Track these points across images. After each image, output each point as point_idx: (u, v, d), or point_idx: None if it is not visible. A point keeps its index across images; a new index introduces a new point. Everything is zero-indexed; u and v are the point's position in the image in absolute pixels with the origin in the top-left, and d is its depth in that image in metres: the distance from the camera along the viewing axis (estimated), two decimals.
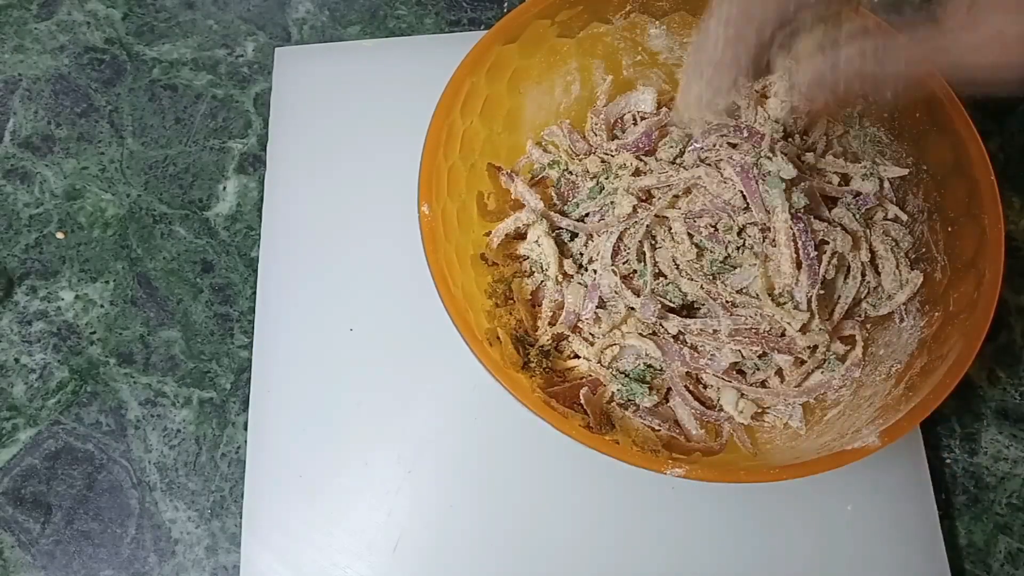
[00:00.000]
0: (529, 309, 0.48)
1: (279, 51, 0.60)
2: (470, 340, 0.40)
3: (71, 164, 0.58)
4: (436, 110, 0.44)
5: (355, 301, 0.53)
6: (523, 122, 0.51)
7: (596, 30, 0.49)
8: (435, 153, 0.44)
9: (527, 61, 0.48)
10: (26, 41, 0.61)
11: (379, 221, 0.55)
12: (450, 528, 0.48)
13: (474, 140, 0.48)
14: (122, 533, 0.49)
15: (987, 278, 0.39)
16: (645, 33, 0.50)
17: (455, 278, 0.42)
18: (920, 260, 0.46)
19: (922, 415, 0.38)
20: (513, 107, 0.50)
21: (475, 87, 0.46)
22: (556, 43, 0.49)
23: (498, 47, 0.46)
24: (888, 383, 0.42)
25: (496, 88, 0.48)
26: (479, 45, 0.45)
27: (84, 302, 0.54)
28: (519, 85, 0.49)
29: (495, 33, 0.45)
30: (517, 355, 0.44)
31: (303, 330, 0.53)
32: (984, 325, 0.39)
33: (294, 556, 0.48)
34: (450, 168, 0.45)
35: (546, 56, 0.49)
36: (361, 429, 0.50)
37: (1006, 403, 0.51)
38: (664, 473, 0.37)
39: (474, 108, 0.47)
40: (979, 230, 0.41)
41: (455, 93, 0.45)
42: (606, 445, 0.38)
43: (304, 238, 0.55)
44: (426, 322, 0.52)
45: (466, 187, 0.47)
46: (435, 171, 0.44)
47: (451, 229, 0.45)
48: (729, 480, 0.37)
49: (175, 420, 0.51)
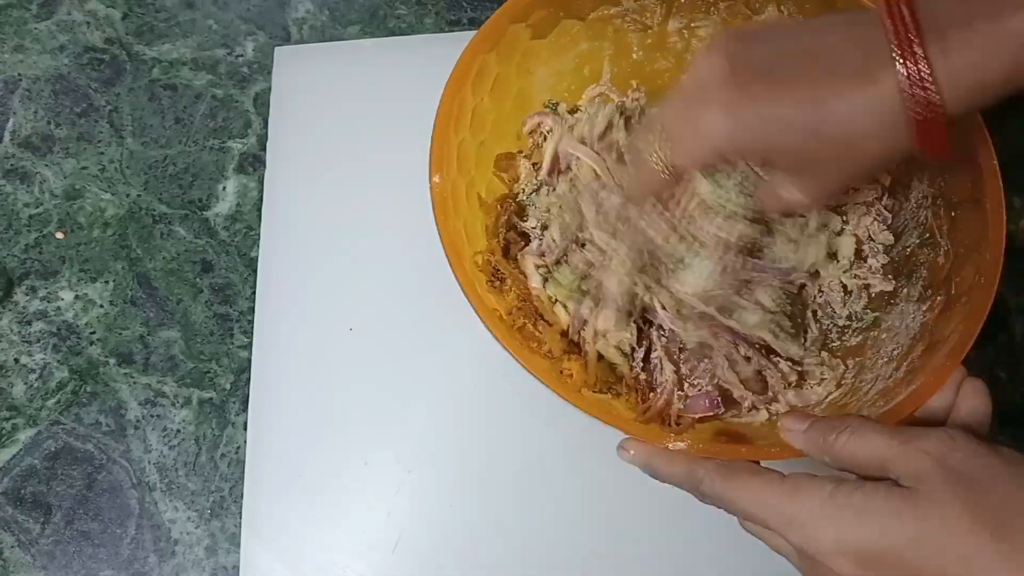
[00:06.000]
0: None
1: (279, 51, 0.60)
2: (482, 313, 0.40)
3: (71, 164, 0.58)
4: (447, 85, 0.44)
5: (355, 301, 0.53)
6: (534, 102, 0.51)
7: (606, 12, 0.50)
8: (446, 126, 0.44)
9: (537, 42, 0.49)
10: (26, 41, 0.61)
11: (379, 221, 0.55)
12: (450, 528, 0.48)
13: (485, 117, 0.48)
14: (122, 533, 0.49)
15: (988, 261, 0.40)
16: (655, 16, 0.50)
17: (463, 252, 0.43)
18: (924, 245, 0.46)
19: (925, 398, 0.38)
20: (523, 87, 0.50)
21: (485, 65, 0.46)
22: (566, 24, 0.49)
23: (509, 26, 0.46)
24: (889, 366, 0.43)
25: (506, 68, 0.48)
26: (489, 24, 0.46)
27: (84, 302, 0.54)
28: (529, 65, 0.50)
29: (504, 12, 0.46)
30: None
31: (303, 330, 0.52)
32: (985, 307, 0.39)
33: (294, 556, 0.48)
34: (460, 143, 0.46)
35: (556, 37, 0.50)
36: (361, 429, 0.50)
37: (1006, 403, 0.51)
38: (665, 445, 0.37)
39: (485, 86, 0.47)
40: (982, 214, 0.41)
41: (466, 69, 0.45)
42: (609, 415, 0.38)
43: (304, 238, 0.55)
44: (426, 322, 0.52)
45: (475, 164, 0.47)
46: (446, 143, 0.44)
47: (460, 204, 0.45)
48: (730, 456, 0.37)
49: (175, 420, 0.51)
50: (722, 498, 0.36)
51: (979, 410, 0.37)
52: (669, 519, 0.48)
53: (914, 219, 0.47)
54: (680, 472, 0.37)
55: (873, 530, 0.31)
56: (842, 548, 0.31)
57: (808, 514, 0.32)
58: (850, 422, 0.34)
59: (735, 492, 0.35)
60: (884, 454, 0.32)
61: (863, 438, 0.33)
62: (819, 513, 0.32)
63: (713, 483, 0.36)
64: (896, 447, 0.32)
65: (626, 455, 0.39)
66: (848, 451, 0.34)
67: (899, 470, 0.32)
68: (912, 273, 0.46)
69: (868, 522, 0.31)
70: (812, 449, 0.35)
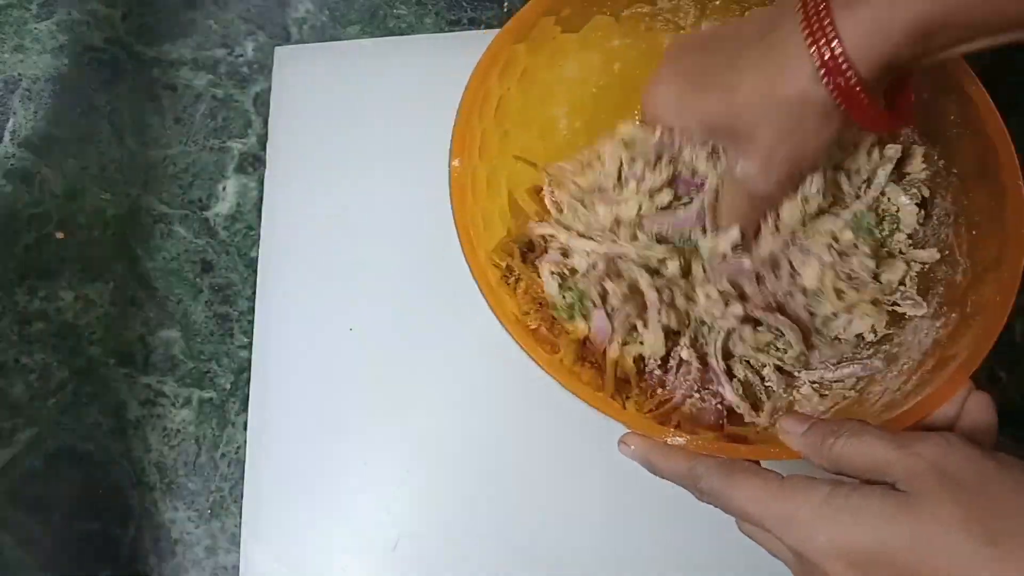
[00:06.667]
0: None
1: (279, 51, 0.60)
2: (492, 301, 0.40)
3: (71, 164, 0.58)
4: (474, 72, 0.44)
5: (355, 301, 0.53)
6: (560, 96, 0.51)
7: (640, 10, 0.49)
8: (471, 112, 0.44)
9: (568, 36, 0.49)
10: (26, 41, 0.61)
11: (379, 220, 0.55)
12: (450, 528, 0.48)
13: (509, 107, 0.47)
14: (122, 533, 0.49)
15: (1006, 280, 0.40)
16: (688, 16, 0.50)
17: (478, 239, 0.42)
18: (943, 263, 0.46)
19: (930, 409, 0.38)
20: (551, 80, 0.50)
21: (514, 55, 0.46)
22: (598, 20, 0.49)
23: (540, 19, 0.46)
24: (899, 379, 0.43)
25: (535, 60, 0.48)
26: (520, 14, 0.46)
27: (84, 302, 0.54)
28: (558, 58, 0.49)
29: (536, 4, 0.46)
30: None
31: (303, 330, 0.52)
32: (999, 325, 0.39)
33: (294, 556, 0.48)
34: (483, 131, 0.45)
35: (588, 32, 0.49)
36: (361, 429, 0.50)
37: (1006, 403, 0.51)
38: (664, 439, 0.37)
39: (512, 76, 0.47)
40: (1002, 234, 0.41)
41: (495, 58, 0.45)
42: (611, 408, 0.38)
43: (304, 238, 0.55)
44: (426, 322, 0.52)
45: (498, 153, 0.47)
46: (469, 130, 0.44)
47: (479, 191, 0.45)
48: (729, 455, 0.37)
49: (175, 420, 0.51)
50: (719, 496, 0.36)
51: (982, 424, 0.37)
52: (672, 519, 0.48)
53: (935, 236, 0.47)
54: (679, 468, 0.37)
55: (867, 532, 0.31)
56: (836, 550, 0.31)
57: (804, 515, 0.32)
58: (848, 426, 0.34)
59: (732, 490, 0.35)
60: (881, 458, 0.32)
61: (861, 442, 0.33)
62: (814, 514, 0.32)
63: (712, 480, 0.36)
64: (893, 451, 0.32)
65: (627, 450, 0.39)
66: (846, 455, 0.34)
67: (895, 474, 0.32)
68: (929, 290, 0.46)
69: (862, 524, 0.31)
70: (810, 452, 0.35)
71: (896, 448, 0.32)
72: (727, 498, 0.35)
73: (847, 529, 0.31)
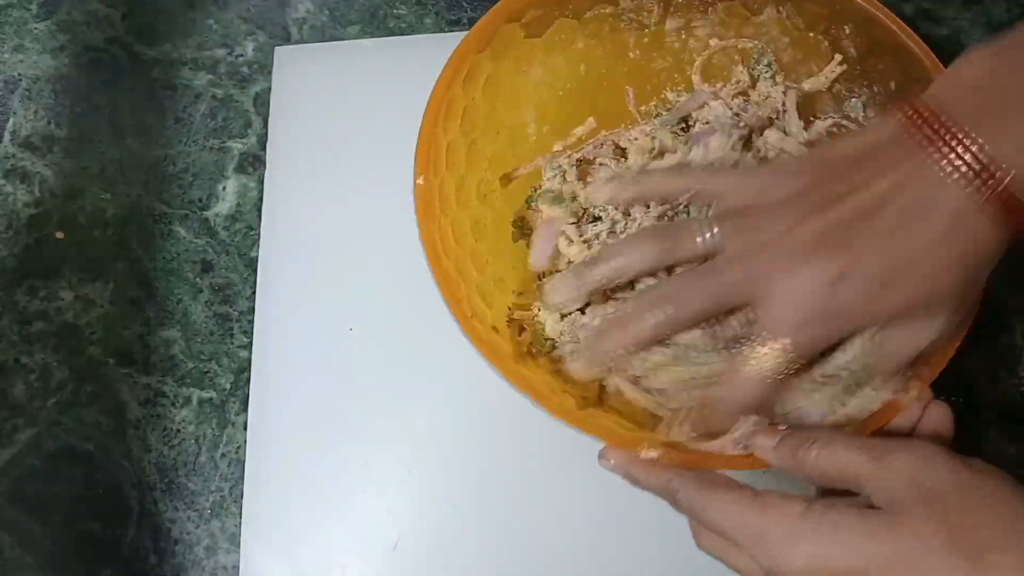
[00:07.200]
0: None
1: (279, 51, 0.60)
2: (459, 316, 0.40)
3: (71, 164, 0.58)
4: (434, 89, 0.44)
5: (355, 301, 0.53)
6: (527, 101, 0.51)
7: (602, 11, 0.49)
8: (433, 126, 0.44)
9: (532, 41, 0.49)
10: (26, 41, 0.61)
11: (379, 220, 0.55)
12: (450, 528, 0.48)
13: (475, 116, 0.47)
14: (122, 533, 0.49)
15: None
16: (652, 15, 0.50)
17: (448, 252, 0.43)
18: None
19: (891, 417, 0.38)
20: (516, 85, 0.50)
21: (477, 64, 0.46)
22: (561, 23, 0.49)
23: (502, 26, 0.46)
24: None
25: (498, 67, 0.48)
26: (480, 24, 0.46)
27: (84, 302, 0.54)
28: (522, 65, 0.49)
29: (498, 12, 0.46)
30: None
31: (303, 330, 0.52)
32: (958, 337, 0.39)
33: (294, 556, 0.48)
34: (449, 143, 0.45)
35: (551, 36, 0.49)
36: (361, 429, 0.50)
37: (1006, 403, 0.51)
38: (639, 453, 0.38)
39: (476, 85, 0.47)
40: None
41: (456, 71, 0.45)
42: (584, 422, 0.38)
43: (304, 238, 0.55)
44: (426, 322, 0.52)
45: (466, 163, 0.47)
46: (433, 144, 0.44)
47: (448, 203, 0.45)
48: (704, 466, 0.37)
49: (175, 420, 0.51)
50: (694, 509, 0.35)
51: (940, 434, 0.37)
52: (671, 520, 0.48)
53: None
54: (657, 481, 0.37)
55: (844, 550, 0.30)
56: (812, 568, 0.31)
57: (779, 532, 0.32)
58: (819, 435, 0.34)
59: (706, 503, 0.35)
60: (856, 470, 0.32)
61: (834, 453, 0.33)
62: (790, 531, 0.31)
63: (687, 494, 0.36)
64: (866, 464, 0.32)
65: (606, 464, 0.39)
66: (819, 467, 0.33)
67: (871, 487, 0.32)
68: None
69: (839, 542, 0.30)
70: (784, 464, 0.35)
71: (869, 460, 0.32)
72: (700, 511, 0.35)
73: (823, 547, 0.31)
